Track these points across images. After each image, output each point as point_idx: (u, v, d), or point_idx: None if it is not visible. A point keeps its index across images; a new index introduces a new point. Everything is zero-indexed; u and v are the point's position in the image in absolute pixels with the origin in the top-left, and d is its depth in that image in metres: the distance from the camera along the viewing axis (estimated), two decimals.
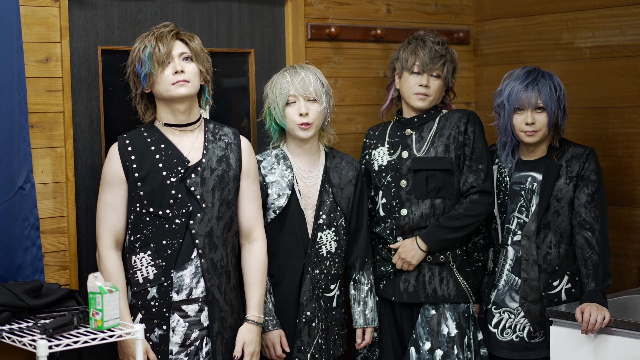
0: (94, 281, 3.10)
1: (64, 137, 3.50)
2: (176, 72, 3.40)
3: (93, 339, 3.03)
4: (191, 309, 3.43)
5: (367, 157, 4.08)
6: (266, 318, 3.66)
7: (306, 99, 3.75)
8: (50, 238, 3.47)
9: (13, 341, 3.01)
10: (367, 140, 4.12)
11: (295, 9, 4.15)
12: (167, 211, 3.40)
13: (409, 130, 4.01)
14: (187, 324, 3.42)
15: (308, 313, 3.74)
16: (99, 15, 3.66)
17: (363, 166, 4.09)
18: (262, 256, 3.59)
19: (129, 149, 3.42)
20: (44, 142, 3.46)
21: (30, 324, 3.11)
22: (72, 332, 3.06)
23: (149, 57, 3.39)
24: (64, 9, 3.49)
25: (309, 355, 3.74)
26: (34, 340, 2.93)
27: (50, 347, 2.91)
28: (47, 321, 3.08)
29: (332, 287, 3.83)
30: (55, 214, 3.49)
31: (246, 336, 3.50)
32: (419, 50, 3.96)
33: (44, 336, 2.96)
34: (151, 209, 3.39)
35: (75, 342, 2.99)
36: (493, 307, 3.97)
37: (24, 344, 2.97)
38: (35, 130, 3.43)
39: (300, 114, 3.73)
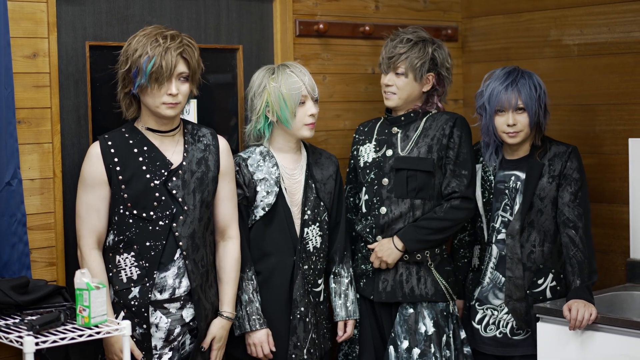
0: (81, 277, 3.10)
1: (52, 133, 3.49)
2: (170, 94, 3.38)
3: (80, 336, 3.03)
4: (173, 307, 3.45)
5: (355, 152, 4.09)
6: (254, 317, 3.67)
7: (313, 99, 3.76)
8: (37, 234, 3.46)
9: (0, 338, 3.01)
10: (357, 136, 4.12)
11: (284, 5, 4.14)
12: (151, 213, 3.40)
13: (395, 128, 4.01)
14: (169, 320, 3.44)
15: (302, 309, 3.75)
16: (87, 10, 3.64)
17: (352, 161, 4.09)
18: (237, 254, 3.62)
19: (112, 150, 3.41)
20: (31, 138, 3.45)
21: (16, 321, 3.10)
22: (59, 329, 3.06)
23: (149, 73, 3.34)
24: (52, 4, 3.48)
25: (305, 351, 3.75)
26: (20, 337, 2.93)
27: (37, 344, 2.90)
28: (33, 318, 3.07)
29: (319, 281, 3.85)
30: (43, 210, 3.49)
31: (218, 332, 3.55)
32: (383, 49, 3.98)
33: (31, 333, 2.96)
34: (135, 211, 3.40)
35: (62, 339, 2.99)
36: (476, 304, 3.98)
37: (11, 341, 2.96)
38: (22, 126, 3.42)
39: (311, 114, 3.75)
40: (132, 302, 3.41)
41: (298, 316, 3.75)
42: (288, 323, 3.75)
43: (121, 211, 3.40)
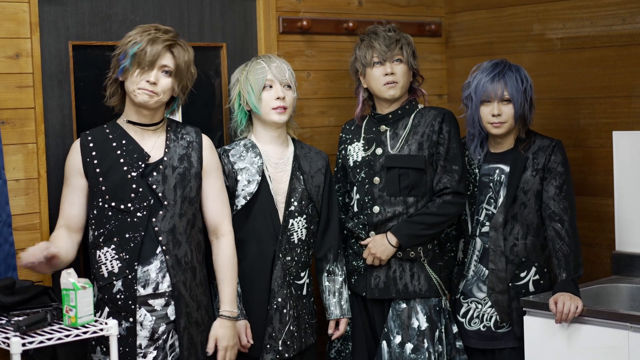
0: (67, 278, 3.10)
1: (36, 133, 3.49)
2: (148, 82, 3.39)
3: (67, 336, 3.03)
4: (157, 303, 3.45)
5: (343, 152, 4.08)
6: None
7: (282, 84, 3.77)
8: (23, 235, 3.45)
9: None
10: (343, 135, 4.12)
11: (267, 2, 4.14)
12: (129, 205, 3.41)
13: (383, 126, 4.00)
14: (154, 317, 3.44)
15: (279, 299, 3.75)
16: (69, 10, 3.64)
17: (340, 161, 4.10)
18: (231, 251, 3.61)
19: (91, 145, 3.44)
20: (15, 138, 3.44)
21: (3, 322, 3.10)
22: (45, 329, 3.05)
23: (133, 56, 3.38)
24: (34, 4, 3.47)
25: (280, 342, 3.75)
26: (7, 338, 2.92)
27: (23, 345, 2.90)
28: (20, 318, 3.07)
29: (302, 274, 3.84)
30: (28, 210, 3.48)
31: (219, 331, 3.53)
32: (374, 42, 3.94)
33: (18, 334, 2.96)
34: (113, 204, 3.41)
35: (49, 339, 2.98)
36: (461, 297, 4.00)
37: None
38: (6, 127, 3.41)
39: (278, 97, 3.76)
40: (118, 296, 3.41)
41: (275, 306, 3.75)
42: (266, 313, 3.75)
43: (100, 204, 3.41)
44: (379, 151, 3.97)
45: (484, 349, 3.95)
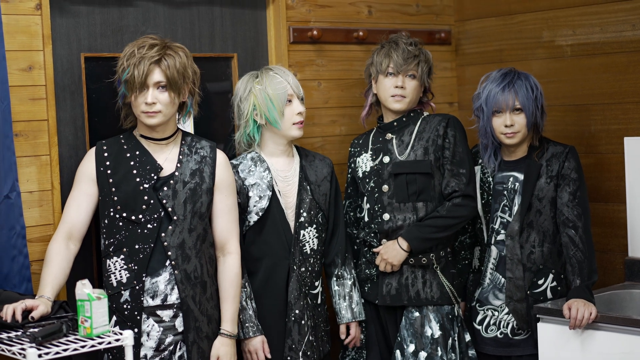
0: (82, 288, 3.11)
1: (49, 145, 3.50)
2: (147, 104, 3.41)
3: (82, 347, 3.03)
4: (166, 315, 3.46)
5: (353, 165, 4.09)
6: (247, 324, 3.67)
7: (299, 98, 3.78)
8: (37, 246, 3.46)
9: (2, 350, 3.01)
10: (352, 149, 4.13)
11: (277, 12, 4.16)
12: (140, 216, 3.43)
13: (389, 134, 4.01)
14: (161, 328, 3.45)
15: (297, 311, 3.75)
16: (81, 22, 3.65)
17: (349, 175, 4.10)
18: (236, 269, 3.61)
19: (105, 154, 3.46)
20: (28, 150, 3.46)
21: (19, 333, 3.10)
22: (61, 340, 3.06)
23: (125, 83, 3.42)
24: (46, 16, 3.49)
25: (300, 353, 3.75)
26: (23, 349, 2.93)
27: (39, 356, 2.91)
28: (36, 329, 3.07)
29: (316, 283, 3.85)
30: (42, 222, 3.49)
31: (220, 350, 3.55)
32: (392, 52, 3.94)
33: (33, 345, 2.96)
34: (124, 214, 3.42)
35: (65, 350, 2.99)
36: (477, 305, 3.99)
37: (14, 353, 2.96)
38: (19, 139, 3.42)
39: (299, 113, 3.77)
40: (125, 306, 3.42)
41: (293, 319, 3.75)
42: (284, 325, 3.76)
43: (111, 214, 3.43)
44: (386, 159, 3.97)
45: (500, 355, 3.94)
